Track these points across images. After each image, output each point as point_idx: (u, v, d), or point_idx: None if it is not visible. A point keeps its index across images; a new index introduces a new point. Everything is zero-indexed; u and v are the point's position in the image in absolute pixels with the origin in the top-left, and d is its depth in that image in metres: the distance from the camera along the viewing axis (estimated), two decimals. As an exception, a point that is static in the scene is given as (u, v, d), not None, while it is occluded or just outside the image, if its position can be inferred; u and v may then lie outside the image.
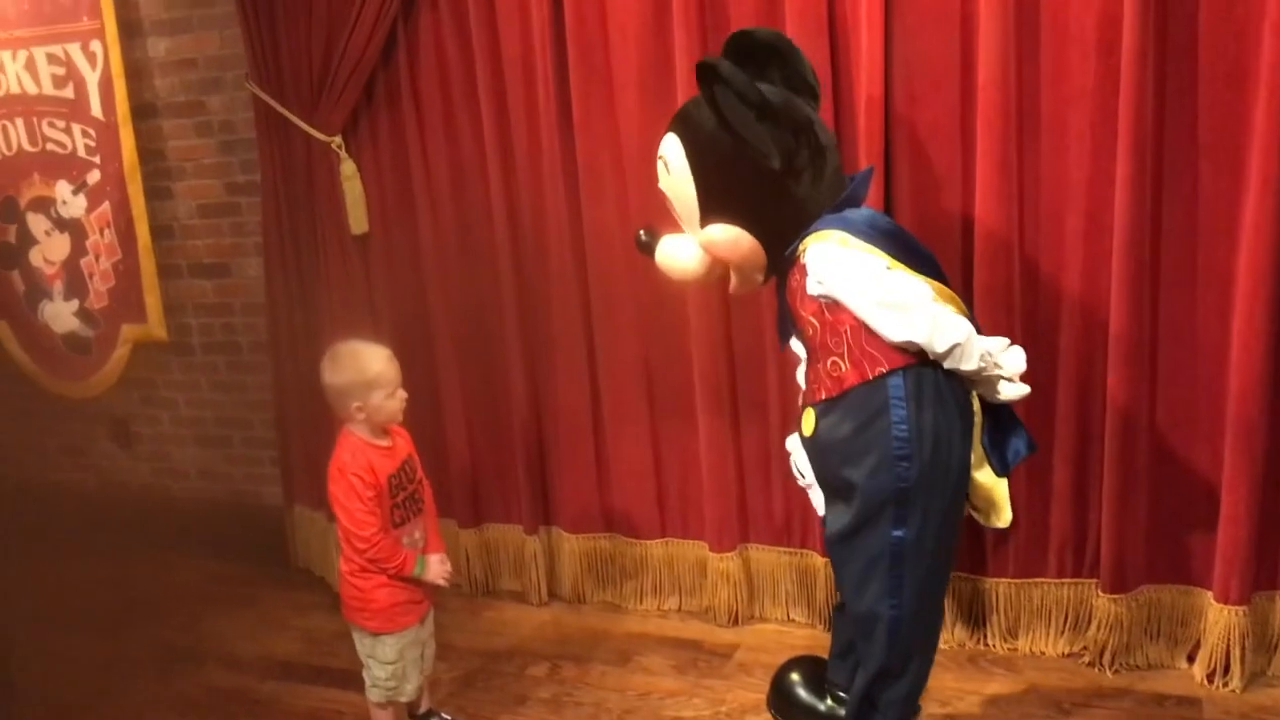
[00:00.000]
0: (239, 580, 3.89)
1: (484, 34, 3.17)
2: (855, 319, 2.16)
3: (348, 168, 3.42)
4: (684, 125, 2.30)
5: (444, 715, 2.85)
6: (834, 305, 2.18)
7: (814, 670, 2.68)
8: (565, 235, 3.23)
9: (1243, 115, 2.52)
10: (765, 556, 3.25)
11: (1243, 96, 2.51)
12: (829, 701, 2.60)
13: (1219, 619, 2.75)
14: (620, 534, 3.45)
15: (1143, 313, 2.68)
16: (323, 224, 3.48)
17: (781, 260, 2.28)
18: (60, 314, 4.23)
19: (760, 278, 2.34)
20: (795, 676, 2.69)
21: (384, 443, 2.60)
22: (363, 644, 2.66)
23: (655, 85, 3.01)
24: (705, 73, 2.18)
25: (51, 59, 3.93)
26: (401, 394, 2.59)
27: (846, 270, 2.16)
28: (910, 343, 2.13)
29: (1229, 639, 2.74)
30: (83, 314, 4.19)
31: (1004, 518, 2.37)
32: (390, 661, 2.63)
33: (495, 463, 3.56)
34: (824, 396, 2.24)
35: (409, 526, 2.63)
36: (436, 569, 2.63)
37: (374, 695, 2.70)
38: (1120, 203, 2.61)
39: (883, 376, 2.16)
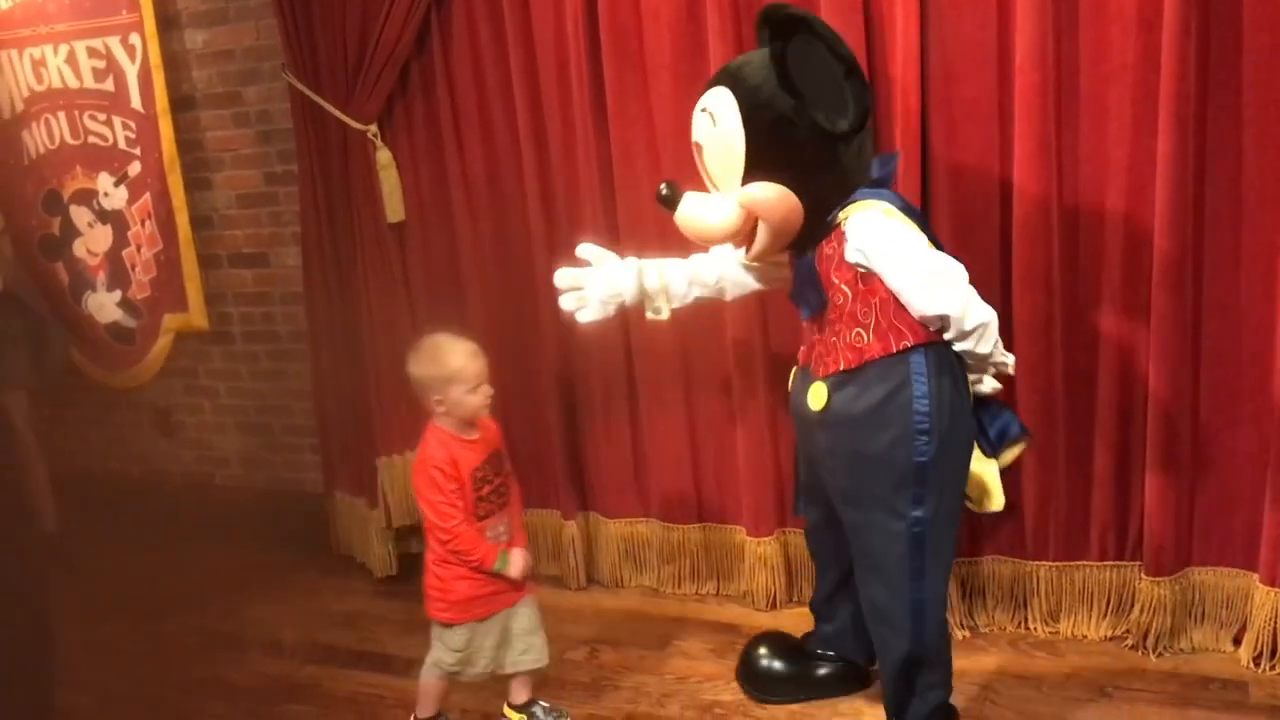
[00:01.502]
0: (280, 566, 3.93)
1: (517, 20, 3.18)
2: (886, 291, 2.18)
3: (383, 156, 3.44)
4: (736, 80, 2.23)
5: (543, 704, 2.82)
6: (868, 275, 2.20)
7: (781, 642, 2.83)
8: (600, 221, 3.22)
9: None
10: (803, 541, 3.23)
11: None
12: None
13: (1265, 601, 2.71)
14: (657, 519, 3.45)
15: (1185, 293, 2.64)
16: (359, 213, 3.51)
17: (817, 228, 2.27)
18: (104, 305, 4.30)
19: (785, 243, 2.32)
20: (763, 650, 2.83)
21: (470, 436, 2.60)
22: (435, 627, 2.69)
23: (688, 70, 3.00)
24: (794, 25, 2.15)
25: (92, 53, 3.98)
26: (485, 389, 2.56)
27: (890, 239, 2.17)
28: (943, 316, 2.15)
29: (1276, 621, 2.70)
30: (125, 304, 4.26)
31: (996, 502, 2.41)
32: (457, 649, 2.66)
33: (532, 449, 3.57)
34: (841, 368, 2.26)
35: (493, 520, 2.62)
36: (518, 564, 2.62)
37: (430, 673, 2.73)
38: (1161, 181, 2.57)
39: (906, 351, 2.19)
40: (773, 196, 2.20)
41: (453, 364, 2.53)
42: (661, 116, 3.08)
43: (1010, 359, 2.29)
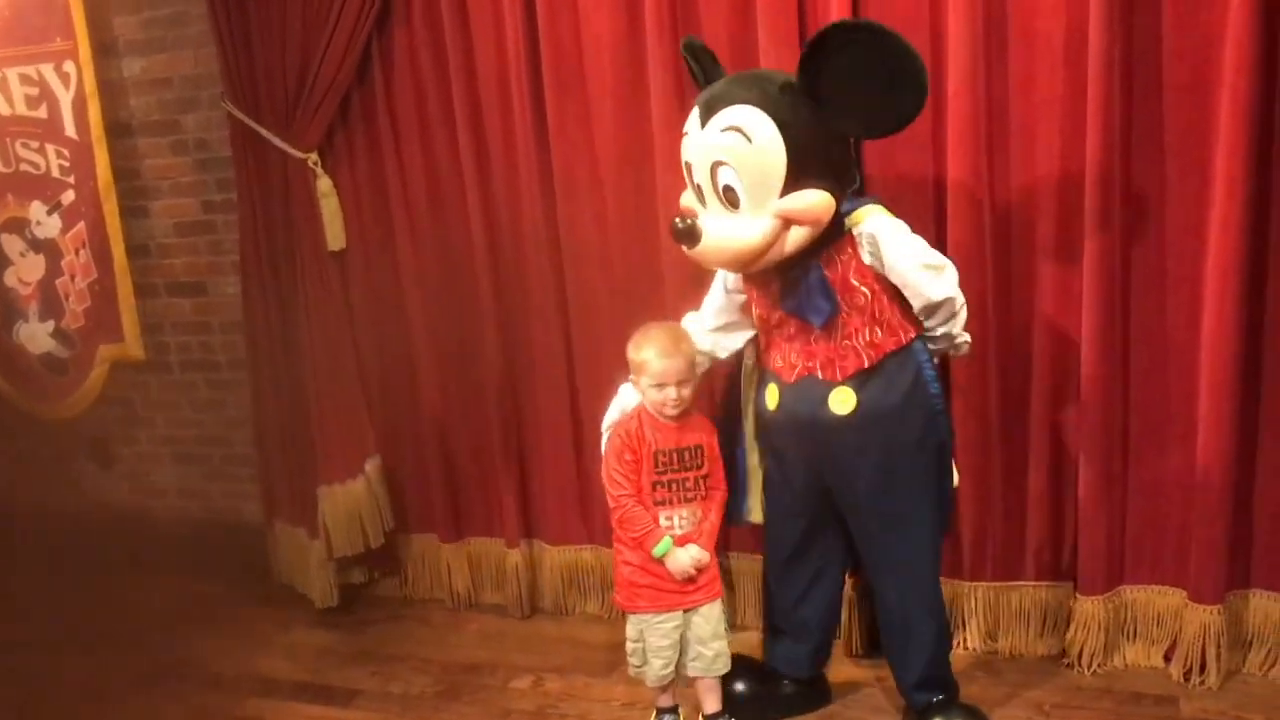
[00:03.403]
0: (220, 598, 3.87)
1: (459, 49, 3.19)
2: (891, 289, 2.39)
3: (324, 184, 3.42)
4: (759, 94, 2.27)
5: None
6: (879, 275, 2.38)
7: (743, 664, 2.84)
8: (543, 247, 3.24)
9: (1207, 119, 2.56)
10: (746, 566, 3.26)
11: (1207, 101, 2.55)
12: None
13: (1194, 618, 2.78)
14: (602, 545, 3.45)
15: (1114, 316, 2.71)
16: (300, 241, 3.48)
17: (834, 233, 2.37)
18: (36, 335, 4.22)
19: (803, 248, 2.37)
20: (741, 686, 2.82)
21: (668, 420, 2.58)
22: None
23: (630, 96, 3.04)
24: (857, 31, 2.19)
25: (24, 79, 3.93)
26: (670, 391, 2.51)
27: (901, 237, 2.38)
28: (949, 299, 2.38)
29: (1204, 638, 2.77)
30: (59, 334, 4.19)
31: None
32: (631, 639, 2.66)
33: (477, 476, 3.57)
34: (864, 366, 2.43)
35: (668, 509, 2.58)
36: (682, 560, 2.55)
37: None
38: (1090, 208, 2.64)
39: (911, 341, 2.44)
40: (817, 203, 2.28)
41: (641, 356, 2.53)
42: (603, 141, 3.11)
43: (968, 337, 2.53)
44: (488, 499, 3.57)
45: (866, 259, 2.38)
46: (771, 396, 2.58)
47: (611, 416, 2.65)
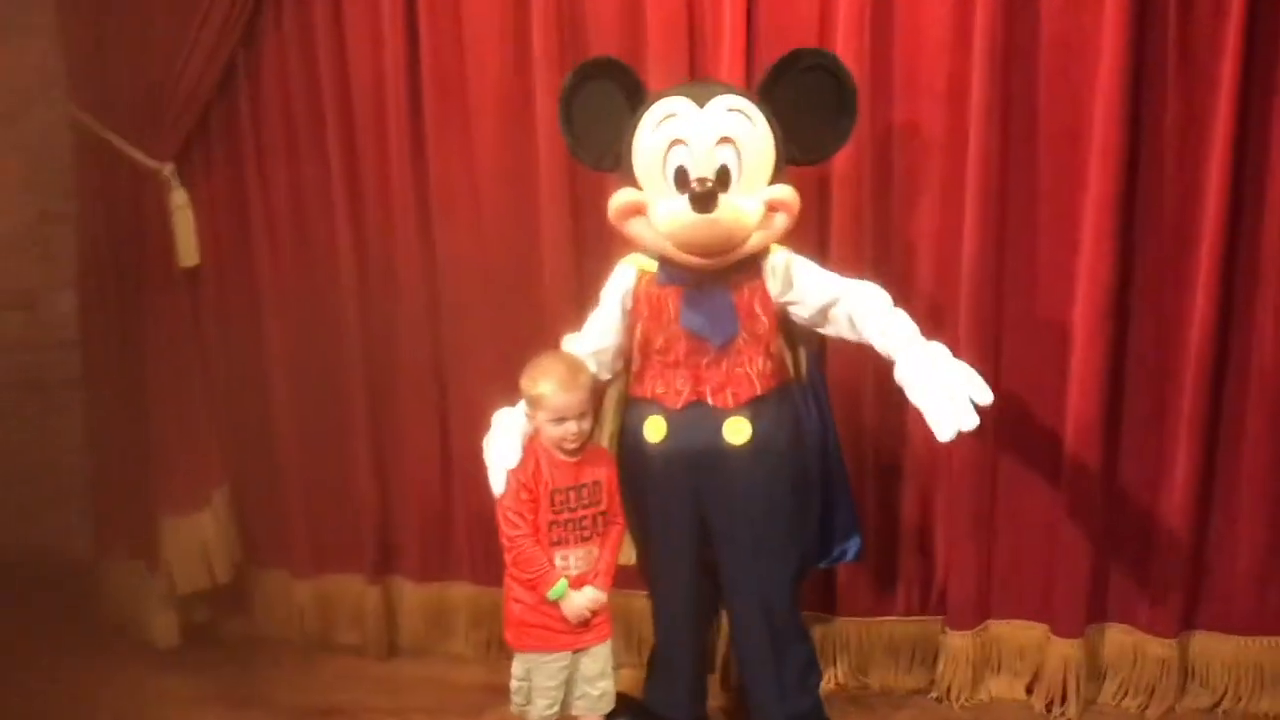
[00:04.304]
0: (44, 641, 3.54)
1: (332, 62, 3.08)
2: (781, 327, 2.48)
3: (179, 196, 3.22)
4: (744, 91, 2.43)
5: None
6: (778, 310, 2.46)
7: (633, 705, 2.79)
8: (416, 267, 3.14)
9: (1078, 169, 2.68)
10: (619, 601, 3.18)
11: (1078, 152, 2.67)
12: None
13: (1056, 652, 2.87)
14: (467, 581, 3.33)
15: (987, 359, 2.78)
16: (148, 256, 3.27)
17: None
18: None
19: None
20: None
21: (566, 457, 2.47)
22: None
23: (514, 116, 2.98)
24: (823, 56, 2.45)
25: None
26: (570, 426, 2.41)
27: (815, 266, 2.48)
28: (875, 292, 2.42)
29: (1065, 670, 2.86)
30: None
31: None
32: (517, 677, 2.55)
33: (334, 508, 3.40)
34: (757, 394, 2.45)
35: (564, 549, 2.47)
36: (578, 603, 2.47)
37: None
38: (968, 253, 2.73)
39: (793, 381, 2.53)
40: (796, 196, 2.39)
41: (538, 389, 2.42)
42: (484, 162, 3.04)
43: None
44: (345, 532, 3.40)
45: (773, 289, 2.42)
46: (654, 428, 2.51)
47: (497, 448, 2.53)
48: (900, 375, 2.29)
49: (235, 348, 3.37)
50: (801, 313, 2.47)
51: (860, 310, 2.40)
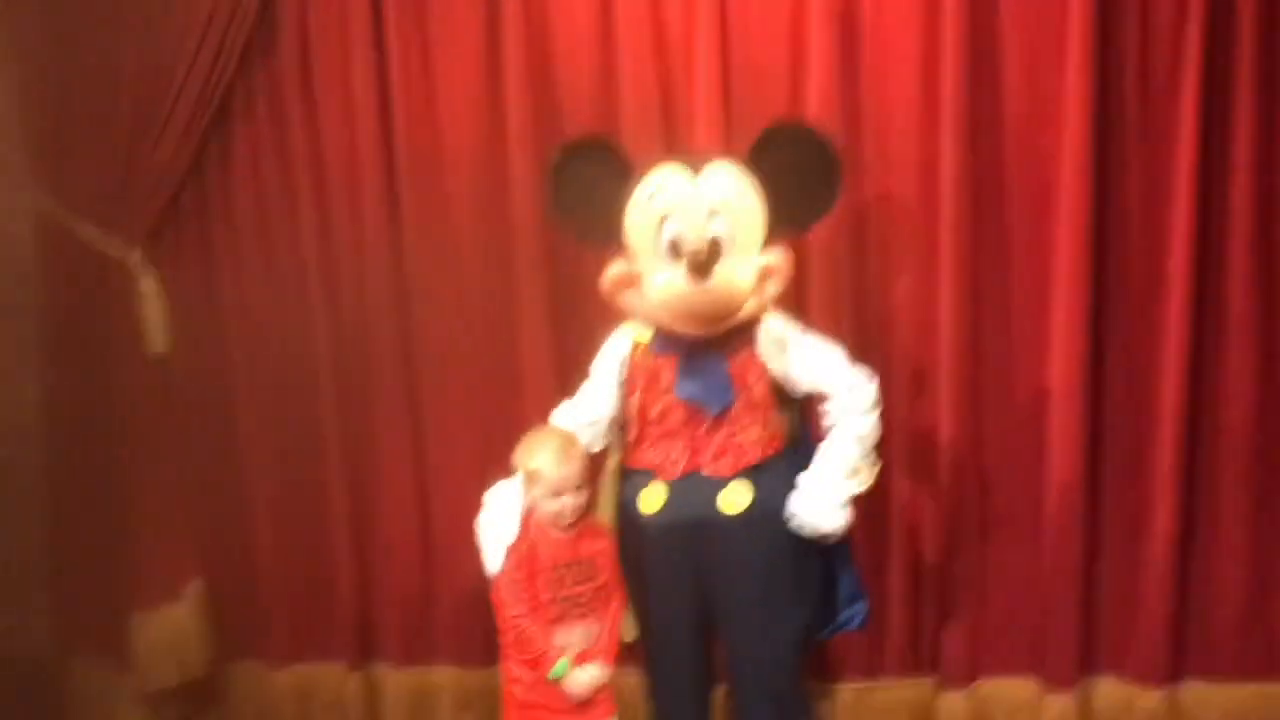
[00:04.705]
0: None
1: (307, 149, 3.07)
2: (776, 394, 2.46)
3: (148, 283, 3.17)
4: (747, 167, 2.42)
5: None
6: (771, 376, 2.45)
7: None
8: (394, 352, 3.12)
9: (1047, 234, 2.79)
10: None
11: (1047, 217, 2.78)
12: None
13: (1050, 705, 2.91)
14: (452, 664, 3.27)
15: (968, 422, 2.85)
16: (116, 343, 3.21)
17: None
18: None
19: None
20: None
21: (562, 532, 2.42)
22: None
23: (490, 195, 3.00)
24: (818, 135, 2.48)
25: None
26: (566, 500, 2.38)
27: (808, 335, 2.50)
28: (860, 382, 2.46)
29: (1060, 723, 2.90)
30: None
31: None
32: None
33: (311, 594, 3.32)
34: (755, 462, 2.43)
35: (565, 628, 2.42)
36: (580, 681, 2.40)
37: None
38: (945, 319, 2.82)
39: (787, 448, 2.48)
40: (786, 262, 2.41)
41: (534, 464, 2.39)
42: (461, 243, 3.05)
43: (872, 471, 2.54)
44: (323, 618, 3.32)
45: (767, 357, 2.44)
46: (651, 499, 2.50)
47: (492, 526, 2.51)
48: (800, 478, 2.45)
49: (208, 436, 3.30)
50: (786, 381, 2.50)
51: (837, 412, 2.47)
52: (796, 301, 2.84)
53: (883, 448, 2.86)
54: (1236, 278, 2.70)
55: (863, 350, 2.81)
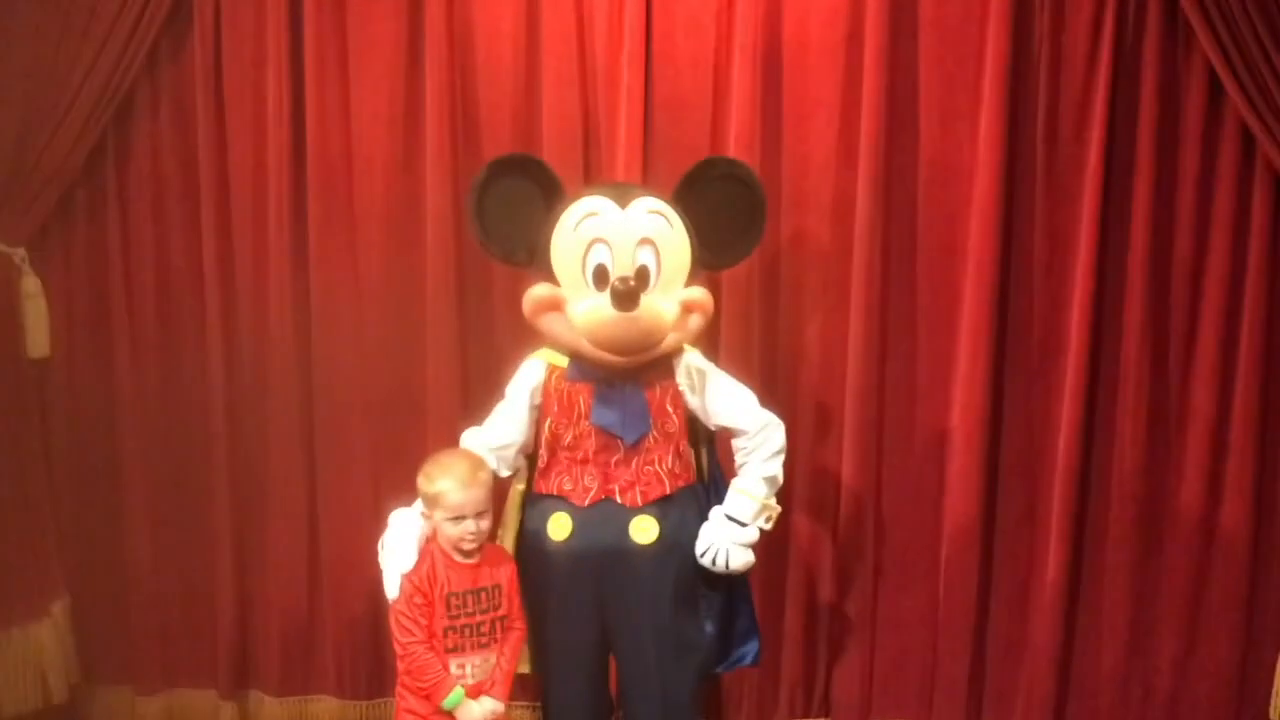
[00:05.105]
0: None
1: (212, 154, 2.97)
2: (689, 428, 2.49)
3: (30, 283, 3.01)
4: (674, 201, 2.45)
5: None
6: (687, 410, 2.49)
7: None
8: (290, 370, 3.02)
9: (955, 282, 2.85)
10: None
11: (954, 265, 2.84)
12: None
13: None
14: (331, 695, 3.15)
15: (869, 463, 2.89)
16: (-9, 344, 3.04)
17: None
18: None
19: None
20: None
21: (464, 559, 2.35)
22: None
23: (402, 214, 2.96)
24: (737, 167, 2.57)
25: None
26: (468, 524, 2.33)
27: (720, 372, 2.53)
28: (771, 423, 2.50)
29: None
30: None
31: None
32: None
33: (185, 618, 3.18)
34: (666, 493, 2.45)
35: (461, 656, 2.36)
36: (474, 711, 2.36)
37: None
38: (852, 361, 2.85)
39: (697, 482, 2.53)
40: (710, 298, 2.47)
41: (436, 487, 2.33)
42: (368, 261, 2.99)
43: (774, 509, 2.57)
44: (198, 644, 3.18)
45: (684, 390, 2.46)
46: (559, 525, 2.46)
47: (392, 549, 2.43)
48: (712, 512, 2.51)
49: (84, 448, 3.14)
50: (702, 415, 2.52)
51: (748, 450, 2.51)
52: (708, 336, 2.85)
53: (784, 488, 2.91)
54: (1131, 334, 2.79)
55: (770, 388, 2.86)
